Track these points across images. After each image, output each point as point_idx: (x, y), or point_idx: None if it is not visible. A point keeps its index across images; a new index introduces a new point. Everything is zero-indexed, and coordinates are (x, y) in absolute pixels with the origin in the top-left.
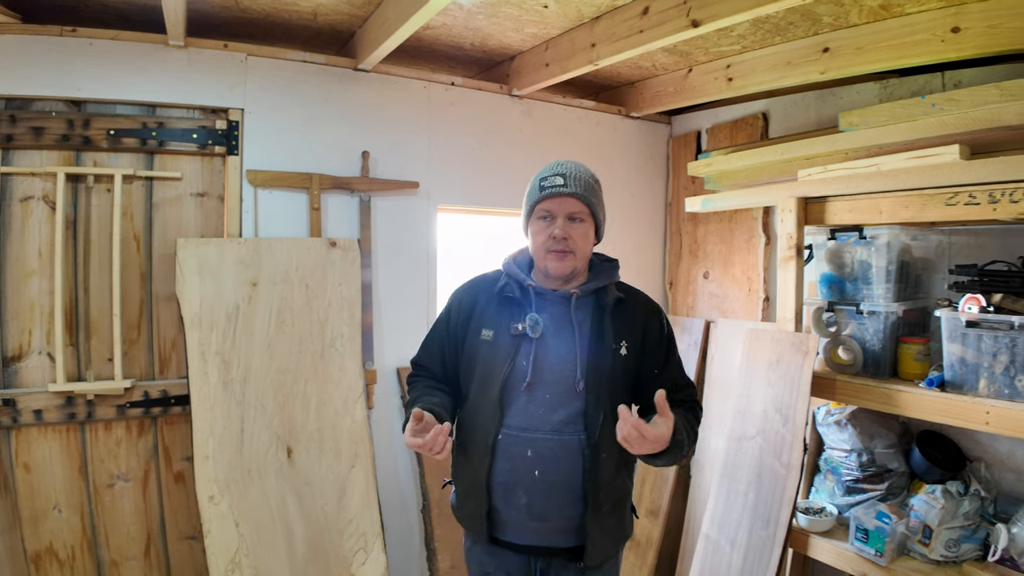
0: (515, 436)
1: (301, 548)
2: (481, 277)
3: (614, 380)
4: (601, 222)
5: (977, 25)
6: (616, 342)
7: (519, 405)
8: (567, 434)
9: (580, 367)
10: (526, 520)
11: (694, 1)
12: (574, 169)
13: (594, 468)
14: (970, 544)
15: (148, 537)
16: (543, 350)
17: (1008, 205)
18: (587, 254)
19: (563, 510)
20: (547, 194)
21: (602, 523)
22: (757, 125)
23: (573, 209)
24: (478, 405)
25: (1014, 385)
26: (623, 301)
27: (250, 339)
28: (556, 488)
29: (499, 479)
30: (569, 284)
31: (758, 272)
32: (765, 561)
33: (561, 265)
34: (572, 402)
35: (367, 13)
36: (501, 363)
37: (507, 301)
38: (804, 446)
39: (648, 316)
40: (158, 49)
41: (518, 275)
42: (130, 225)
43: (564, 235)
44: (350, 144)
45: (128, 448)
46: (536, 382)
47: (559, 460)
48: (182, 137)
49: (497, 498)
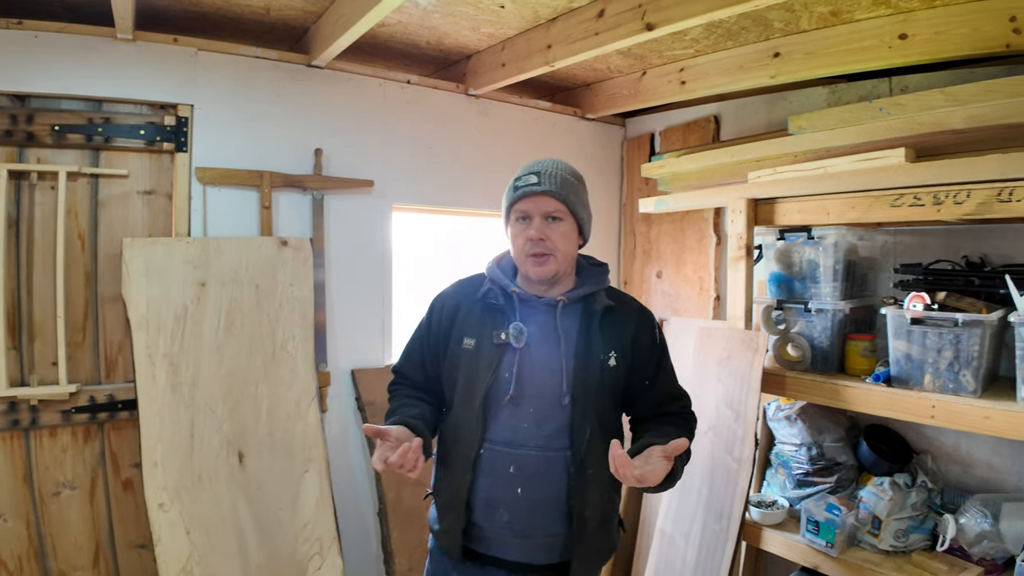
0: (498, 451)
1: (255, 554)
2: (464, 281)
3: (602, 393)
4: (584, 221)
5: (924, 32)
6: (604, 352)
7: (502, 419)
8: (552, 450)
9: (566, 380)
10: (508, 536)
11: (649, 5)
12: (550, 166)
13: (580, 485)
14: (918, 534)
15: (97, 546)
16: (527, 361)
17: (952, 206)
18: (570, 255)
19: (548, 527)
20: (521, 194)
21: (588, 540)
22: (709, 128)
23: (549, 208)
24: (460, 417)
25: (958, 380)
26: (613, 309)
27: (199, 341)
28: (540, 506)
29: (480, 495)
30: (555, 290)
31: (709, 271)
32: (719, 555)
33: (542, 269)
34: (557, 416)
35: (322, 9)
36: (483, 374)
37: (490, 308)
38: (755, 441)
39: (640, 325)
40: (106, 42)
41: (502, 281)
42: (75, 224)
43: (541, 236)
44: (303, 141)
45: (74, 455)
46: (520, 395)
47: (543, 477)
48: (129, 133)
49: (478, 514)
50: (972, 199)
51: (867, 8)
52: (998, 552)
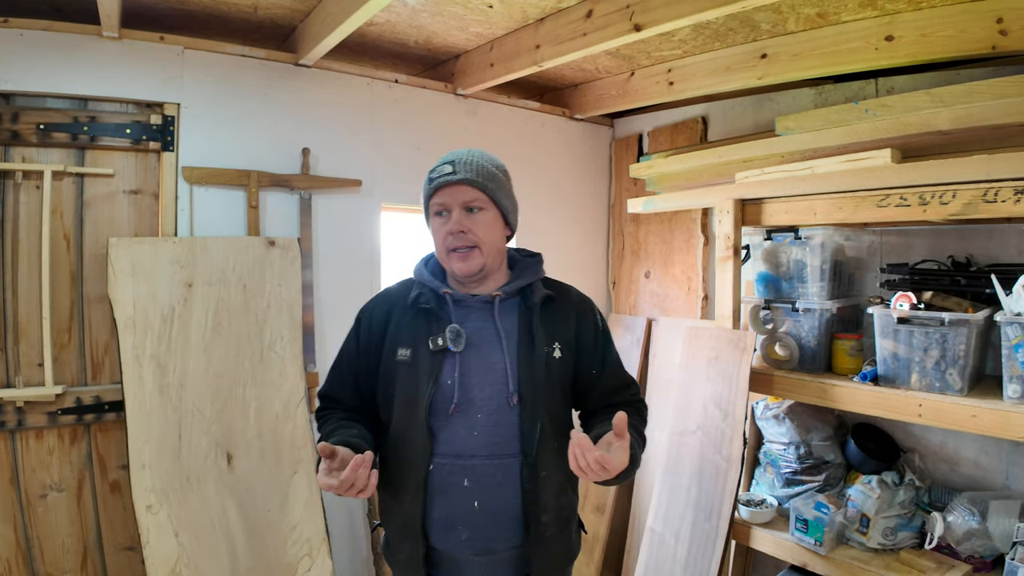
0: (449, 465)
1: (244, 556)
2: (391, 289)
3: (551, 388)
4: (508, 210)
5: (910, 34)
6: (548, 345)
7: (450, 429)
8: (505, 456)
9: (511, 379)
10: (469, 555)
11: (637, 6)
12: (466, 155)
13: (535, 490)
14: (907, 532)
15: (84, 549)
16: (469, 365)
17: (938, 207)
18: (497, 247)
19: (508, 540)
20: (436, 185)
21: (548, 548)
22: (697, 128)
23: (467, 198)
24: (403, 435)
25: (945, 379)
26: (552, 299)
27: (186, 342)
28: (499, 518)
29: (436, 514)
30: (488, 286)
31: (697, 271)
32: (709, 553)
33: (466, 264)
34: (508, 419)
35: (309, 7)
36: (424, 384)
37: (423, 313)
38: (744, 440)
39: (581, 313)
40: (92, 40)
41: (432, 283)
42: (60, 224)
43: (461, 228)
44: (290, 141)
45: (61, 457)
46: (465, 401)
47: (500, 487)
48: (115, 132)
49: (435, 536)
50: (958, 199)
51: (853, 10)
52: (986, 550)
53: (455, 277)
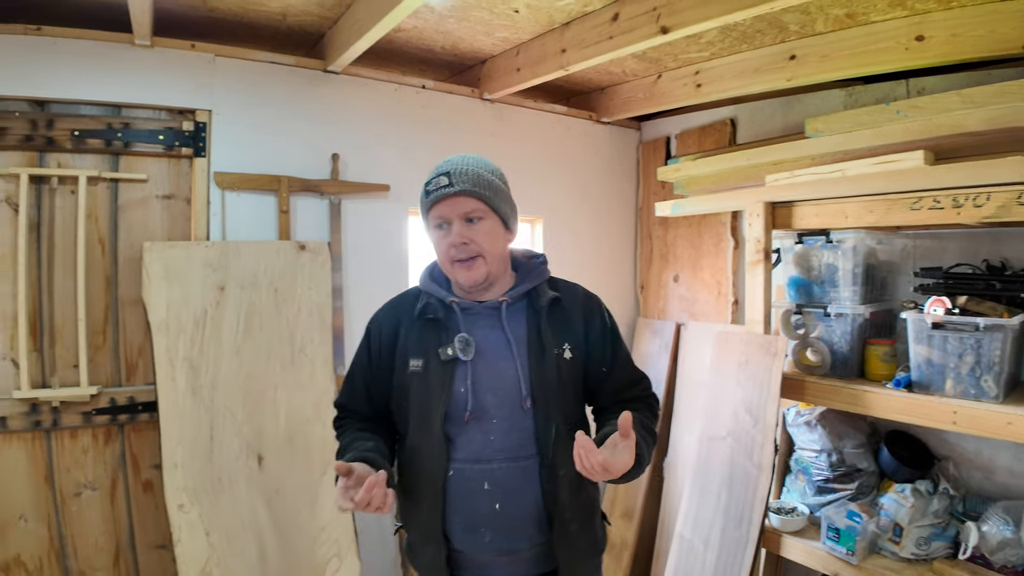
0: (468, 470)
1: (273, 556)
2: (399, 298)
3: (563, 389)
4: (508, 215)
5: (940, 34)
6: (558, 346)
7: (466, 436)
8: (523, 459)
9: (524, 383)
10: (492, 556)
11: (663, 8)
12: (460, 163)
13: (554, 489)
14: (940, 542)
15: (117, 547)
16: (481, 372)
17: (972, 209)
18: (500, 254)
19: (531, 538)
20: (434, 198)
21: (572, 543)
22: (725, 131)
23: (466, 208)
24: (420, 444)
25: (980, 385)
26: (559, 300)
27: (218, 345)
28: (520, 519)
29: (457, 519)
30: (494, 291)
31: (727, 275)
32: (738, 561)
33: (471, 274)
34: (521, 422)
35: (337, 15)
36: (437, 394)
37: (431, 323)
38: (775, 447)
39: (588, 311)
40: (124, 48)
41: (438, 292)
42: (95, 228)
43: (463, 239)
44: (320, 146)
45: (95, 456)
46: (479, 408)
47: (519, 488)
48: (148, 138)
49: (458, 540)
50: (992, 202)
51: (883, 10)
52: (1020, 560)
53: (460, 287)
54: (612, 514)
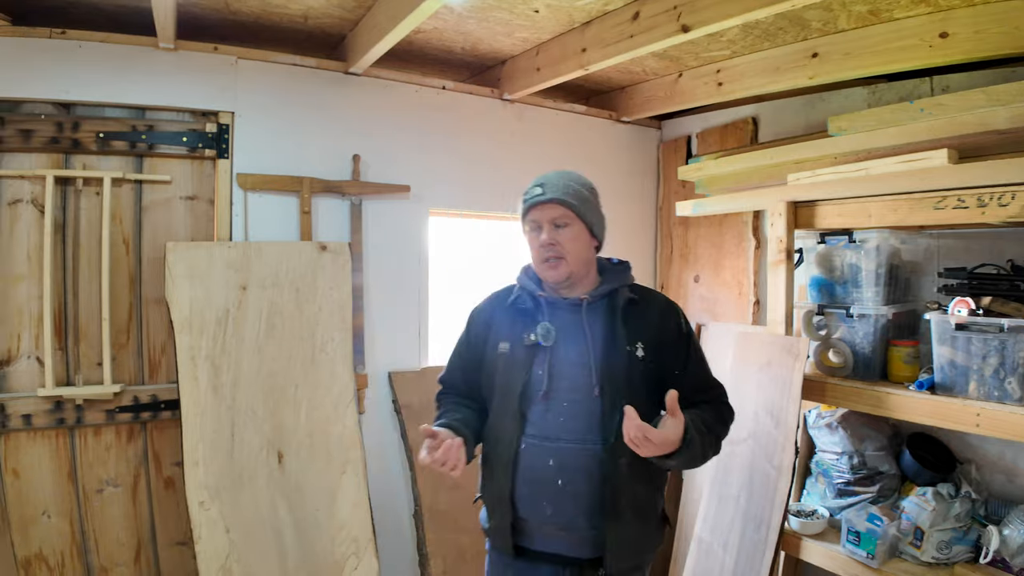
0: (536, 445)
1: (292, 554)
2: (496, 293)
3: (631, 383)
4: (594, 224)
5: (964, 31)
6: (631, 344)
7: (538, 414)
8: (589, 442)
9: (595, 372)
10: (553, 530)
11: (684, 6)
12: (555, 177)
13: (612, 475)
14: (961, 546)
15: (138, 543)
16: (557, 358)
17: (996, 209)
18: (583, 257)
19: (589, 520)
20: (529, 205)
21: (624, 531)
22: (747, 130)
23: (555, 214)
24: (500, 417)
25: (1004, 387)
26: (635, 302)
27: (240, 343)
28: (581, 498)
29: (523, 490)
30: (578, 290)
31: (748, 276)
32: (757, 563)
33: (555, 273)
34: (590, 408)
35: (358, 16)
36: (518, 374)
37: (520, 313)
38: (795, 449)
39: (664, 316)
40: (148, 51)
41: (529, 286)
42: (119, 228)
43: (551, 241)
44: (341, 147)
45: (118, 453)
46: (553, 390)
47: (582, 469)
48: (172, 140)
49: (522, 508)
50: (1017, 201)
51: (906, 6)
52: None
53: (547, 283)
54: None
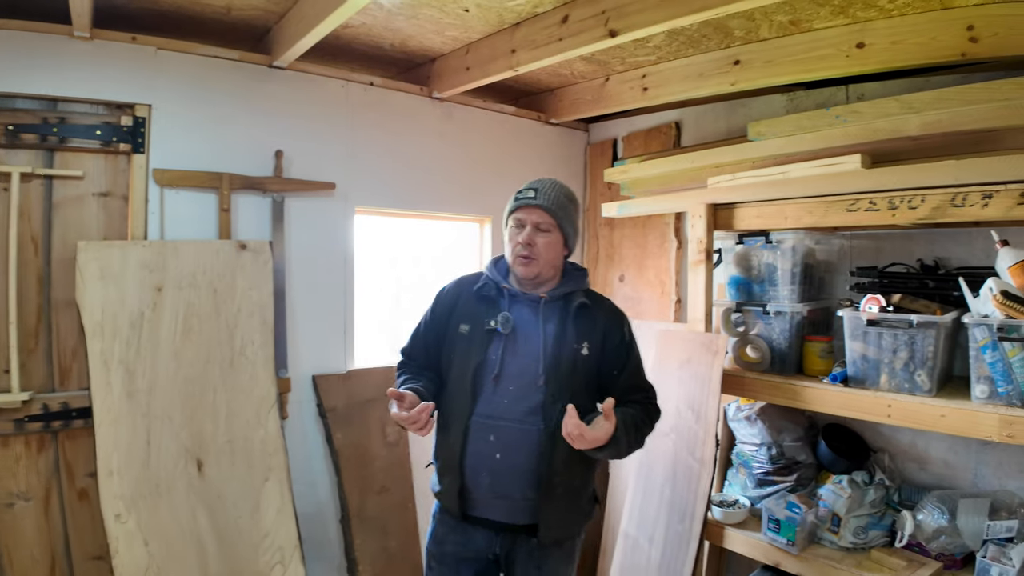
0: (482, 422)
1: (215, 564)
2: (464, 277)
3: (574, 376)
4: (570, 235)
5: (881, 41)
6: (578, 342)
7: (487, 394)
8: (528, 424)
9: (543, 363)
10: (490, 498)
11: (612, 12)
12: (549, 185)
13: (549, 455)
14: (877, 531)
15: (53, 558)
16: (511, 346)
17: (906, 211)
18: (553, 262)
19: (522, 490)
20: (519, 204)
21: (555, 505)
22: (670, 134)
23: (539, 220)
24: (455, 392)
25: (913, 380)
26: (587, 306)
27: (155, 347)
28: (515, 471)
29: (469, 460)
30: (540, 288)
31: (670, 275)
32: (682, 555)
33: (525, 270)
34: (534, 395)
35: (284, 9)
36: (474, 355)
37: (484, 299)
38: (716, 441)
39: (611, 321)
40: (62, 40)
41: (496, 277)
42: (28, 226)
43: (529, 242)
44: (263, 143)
45: (28, 465)
46: (503, 374)
47: (519, 446)
48: (85, 134)
49: (467, 477)
50: (927, 204)
51: (825, 18)
52: (956, 547)
53: (516, 277)
54: None
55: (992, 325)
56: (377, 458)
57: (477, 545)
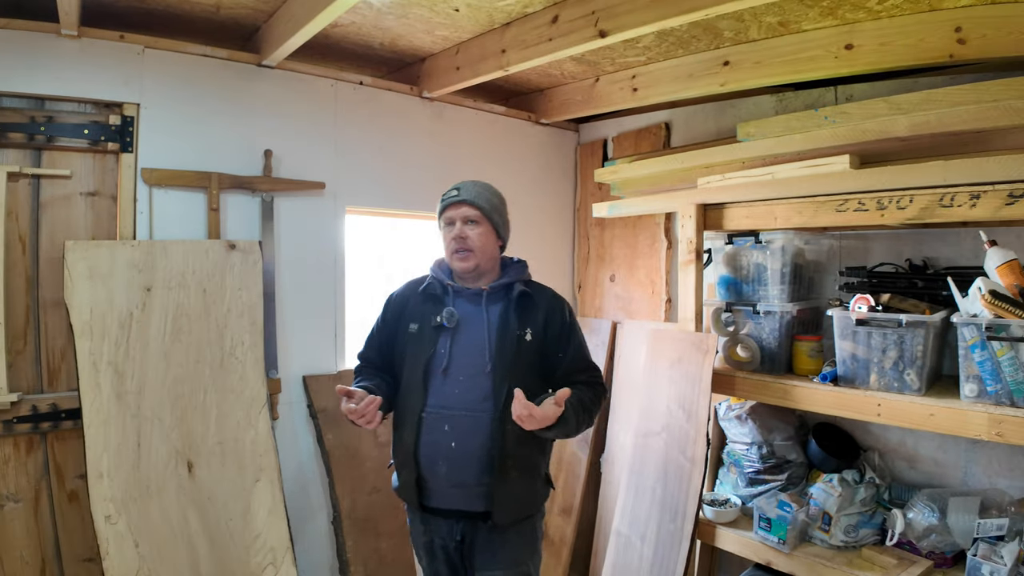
0: (436, 413)
1: (206, 566)
2: (411, 281)
3: (519, 362)
4: (500, 225)
5: (870, 43)
6: (521, 329)
7: (437, 386)
8: (479, 411)
9: (489, 352)
10: (446, 487)
11: (602, 12)
12: (470, 184)
13: (500, 439)
14: (868, 529)
15: (43, 561)
16: (458, 339)
17: (895, 211)
18: (489, 252)
19: (478, 477)
20: (445, 204)
21: (510, 488)
22: (660, 134)
23: (468, 214)
24: (407, 388)
25: (903, 379)
26: (527, 294)
27: (145, 348)
28: (470, 458)
29: (424, 451)
30: (481, 281)
31: (661, 275)
32: (674, 554)
33: (464, 264)
34: (482, 383)
35: (273, 8)
36: (424, 351)
37: (430, 298)
38: (707, 440)
39: (551, 307)
40: (49, 39)
41: (440, 276)
42: (15, 226)
43: (462, 235)
44: (252, 142)
45: (17, 467)
46: (452, 366)
47: (472, 433)
48: (73, 132)
49: (423, 468)
50: (915, 204)
51: (814, 19)
52: (946, 545)
53: (456, 273)
54: (551, 511)
55: (981, 324)
56: (368, 459)
57: (441, 533)
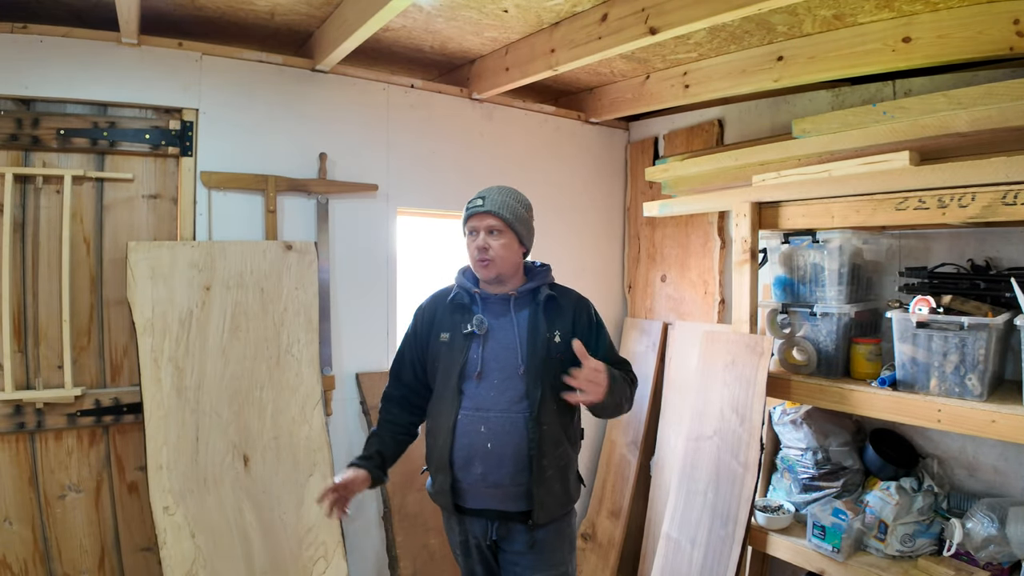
0: (471, 415)
1: (259, 558)
2: (438, 292)
3: (550, 363)
4: (523, 235)
5: (927, 35)
6: (550, 331)
7: (472, 390)
8: (514, 412)
9: (520, 354)
10: (482, 487)
11: (652, 9)
12: (496, 192)
13: (536, 438)
14: (925, 539)
15: (102, 549)
16: (489, 344)
17: (956, 209)
18: (511, 261)
19: (514, 477)
20: (469, 213)
21: (547, 487)
22: (713, 131)
23: (491, 224)
24: (441, 395)
25: (964, 384)
26: (553, 297)
27: (204, 345)
28: (507, 458)
29: (459, 454)
30: (507, 287)
31: (714, 275)
32: (725, 559)
33: (485, 271)
34: (516, 384)
35: (325, 14)
36: (457, 358)
37: (459, 307)
38: (761, 445)
39: (577, 307)
40: (111, 47)
41: (466, 285)
42: (80, 228)
43: (484, 245)
44: (307, 146)
45: (79, 458)
46: (485, 370)
47: (508, 433)
48: (134, 137)
49: (458, 470)
50: (977, 202)
51: (870, 11)
52: (1004, 556)
53: (481, 280)
54: (599, 513)
55: None
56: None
57: (476, 532)
